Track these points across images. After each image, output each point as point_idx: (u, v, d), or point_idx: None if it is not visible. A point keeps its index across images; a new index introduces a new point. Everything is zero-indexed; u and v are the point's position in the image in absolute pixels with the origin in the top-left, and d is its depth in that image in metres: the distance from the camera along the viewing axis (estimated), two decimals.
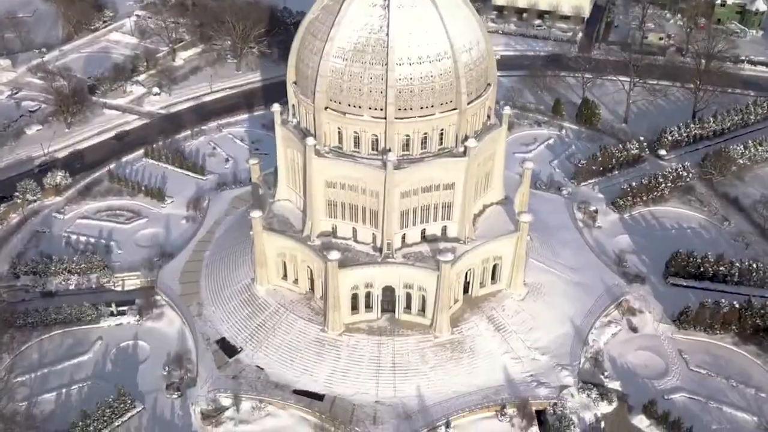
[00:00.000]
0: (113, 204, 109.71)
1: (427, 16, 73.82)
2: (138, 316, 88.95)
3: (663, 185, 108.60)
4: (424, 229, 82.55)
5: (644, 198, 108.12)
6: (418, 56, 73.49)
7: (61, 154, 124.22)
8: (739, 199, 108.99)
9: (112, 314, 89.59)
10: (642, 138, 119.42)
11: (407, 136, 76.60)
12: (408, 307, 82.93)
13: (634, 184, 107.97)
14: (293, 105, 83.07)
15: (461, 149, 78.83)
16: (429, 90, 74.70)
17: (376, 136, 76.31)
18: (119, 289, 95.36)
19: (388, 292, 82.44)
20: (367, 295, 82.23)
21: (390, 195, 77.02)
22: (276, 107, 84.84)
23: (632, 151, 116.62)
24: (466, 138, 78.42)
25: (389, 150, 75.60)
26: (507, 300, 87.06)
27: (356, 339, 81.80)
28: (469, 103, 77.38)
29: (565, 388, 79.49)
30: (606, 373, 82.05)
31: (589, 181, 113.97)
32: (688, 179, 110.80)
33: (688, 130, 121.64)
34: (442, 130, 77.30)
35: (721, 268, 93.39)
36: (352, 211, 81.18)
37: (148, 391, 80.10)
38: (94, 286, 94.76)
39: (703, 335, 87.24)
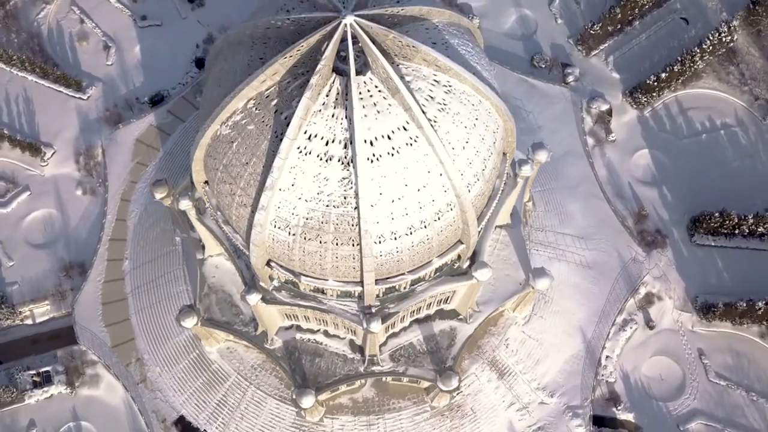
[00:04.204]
0: None
1: (417, 163, 44.41)
2: (68, 387, 73.13)
3: (698, 59, 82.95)
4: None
5: (671, 84, 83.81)
6: (408, 226, 46.65)
7: None
8: None
9: (35, 383, 73.41)
10: None
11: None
12: None
13: (663, 75, 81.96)
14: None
15: (466, 264, 56.18)
16: (424, 251, 49.43)
17: (349, 291, 52.98)
18: (30, 322, 76.68)
19: None
20: None
21: (372, 339, 57.18)
22: (185, 205, 56.64)
23: None
24: (474, 258, 55.12)
25: (369, 311, 53.23)
26: (511, 328, 73.07)
27: (341, 422, 69.88)
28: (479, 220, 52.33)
29: None
30: (619, 407, 73.65)
31: (602, 46, 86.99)
32: (730, 43, 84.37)
33: None
34: (441, 264, 53.78)
35: (760, 229, 77.44)
36: (321, 321, 61.32)
37: None
38: None
39: (727, 326, 76.61)
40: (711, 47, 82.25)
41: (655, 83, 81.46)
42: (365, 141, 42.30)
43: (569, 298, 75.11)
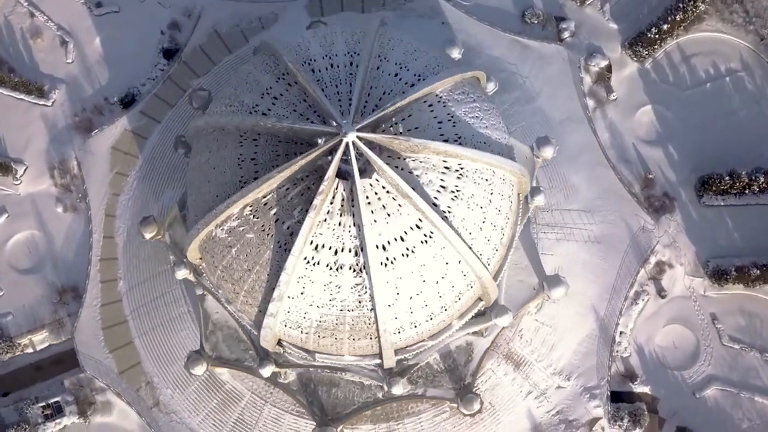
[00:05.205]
0: None
1: (434, 258, 41.25)
2: (80, 416, 72.39)
3: (700, 2, 77.40)
4: None
5: (672, 32, 78.67)
6: (428, 315, 44.06)
7: None
8: None
9: (46, 416, 72.56)
10: None
11: None
12: None
13: (665, 27, 76.50)
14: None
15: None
16: (445, 324, 47.07)
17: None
18: (30, 350, 74.95)
19: None
20: None
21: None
22: (183, 274, 53.11)
23: None
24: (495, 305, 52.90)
25: (389, 373, 51.53)
26: (523, 319, 71.99)
27: (361, 431, 70.08)
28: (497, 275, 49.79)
29: (596, 421, 72.98)
30: (636, 381, 74.26)
31: None
32: None
33: None
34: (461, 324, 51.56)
35: None
36: None
37: None
38: None
39: (739, 287, 75.88)
40: None
41: (656, 35, 76.07)
42: (377, 246, 38.85)
43: (579, 277, 73.51)
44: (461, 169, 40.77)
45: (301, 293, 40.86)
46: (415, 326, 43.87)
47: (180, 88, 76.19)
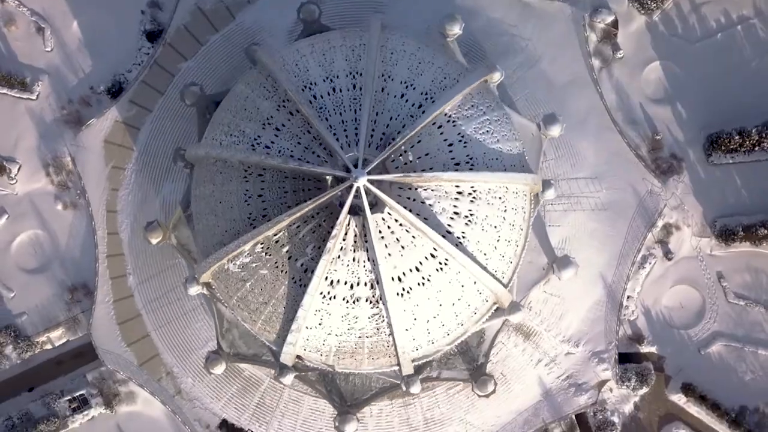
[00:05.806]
0: None
1: (450, 284, 41.16)
2: (107, 407, 73.98)
3: None
4: None
5: None
6: (445, 332, 44.28)
7: None
8: None
9: (74, 409, 74.03)
10: None
11: None
12: None
13: None
14: None
15: None
16: (462, 332, 47.26)
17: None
18: (49, 347, 75.80)
19: None
20: None
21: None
22: (195, 291, 52.70)
23: None
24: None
25: (407, 380, 51.87)
26: (532, 291, 72.24)
27: (378, 407, 71.56)
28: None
29: (604, 383, 74.53)
30: (643, 343, 75.45)
31: None
32: None
33: None
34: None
35: None
36: None
37: None
38: (18, 361, 75.00)
39: (746, 245, 75.94)
40: None
41: None
42: (392, 278, 38.69)
43: (587, 246, 73.54)
44: (474, 191, 40.09)
45: (319, 324, 40.94)
46: (433, 342, 44.19)
47: (168, 72, 73.75)
